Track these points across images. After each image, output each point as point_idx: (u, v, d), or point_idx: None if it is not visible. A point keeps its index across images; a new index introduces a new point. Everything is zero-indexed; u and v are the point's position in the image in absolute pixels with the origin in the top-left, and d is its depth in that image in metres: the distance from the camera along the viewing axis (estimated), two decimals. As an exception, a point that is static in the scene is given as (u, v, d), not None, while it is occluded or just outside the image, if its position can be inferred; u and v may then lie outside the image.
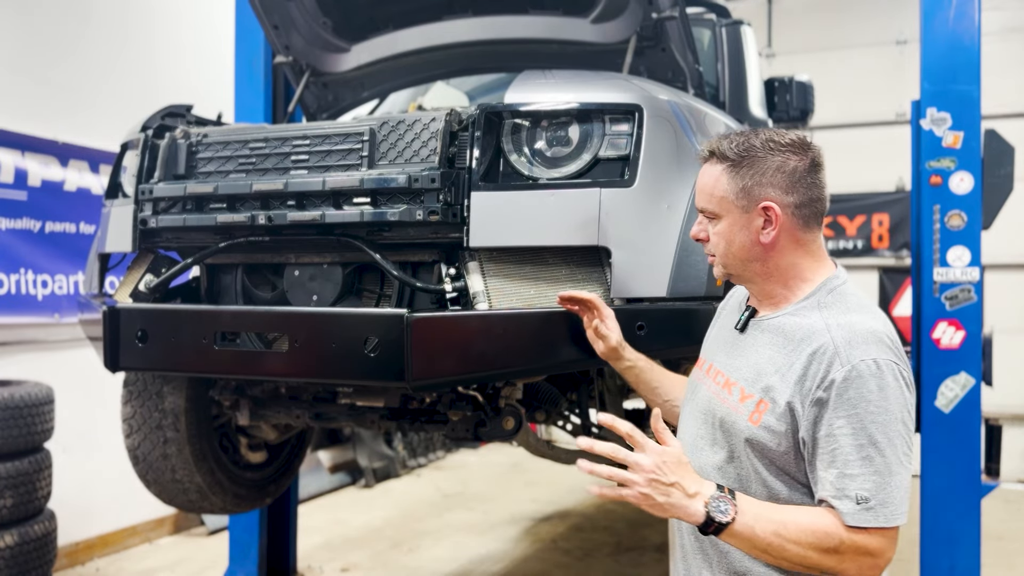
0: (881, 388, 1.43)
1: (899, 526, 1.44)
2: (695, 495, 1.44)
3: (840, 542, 1.42)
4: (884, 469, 1.42)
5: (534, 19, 3.13)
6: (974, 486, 3.49)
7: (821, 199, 1.59)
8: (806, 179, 1.57)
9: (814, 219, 1.59)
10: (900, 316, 7.55)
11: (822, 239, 1.65)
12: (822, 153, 1.60)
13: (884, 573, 1.52)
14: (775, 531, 1.43)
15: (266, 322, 2.40)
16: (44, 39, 4.63)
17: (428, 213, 2.28)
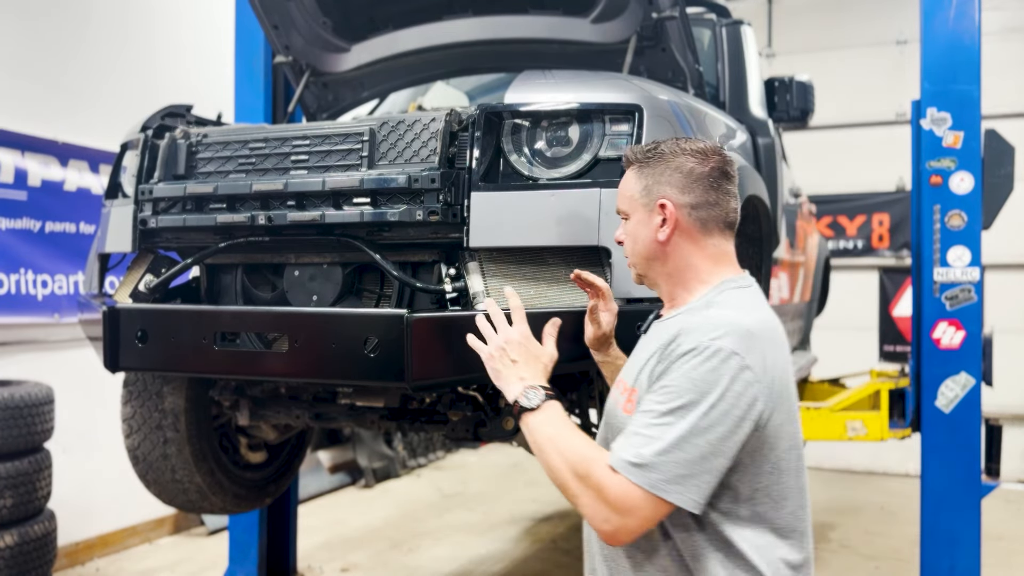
0: (712, 370, 1.45)
1: (658, 503, 1.42)
2: (522, 379, 1.68)
3: (589, 473, 1.46)
4: (672, 440, 1.42)
5: (534, 19, 3.13)
6: (974, 486, 3.49)
7: (720, 205, 1.63)
8: (704, 182, 1.62)
9: (714, 223, 1.64)
10: (900, 316, 7.55)
11: (729, 248, 1.68)
12: (732, 165, 1.66)
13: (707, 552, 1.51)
14: (551, 436, 1.55)
15: (266, 322, 2.40)
16: (44, 39, 4.64)
17: (428, 213, 2.28)
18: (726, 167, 1.65)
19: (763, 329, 1.54)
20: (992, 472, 3.90)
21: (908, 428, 4.07)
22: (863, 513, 6.09)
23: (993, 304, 5.27)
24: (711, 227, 1.63)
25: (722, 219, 1.64)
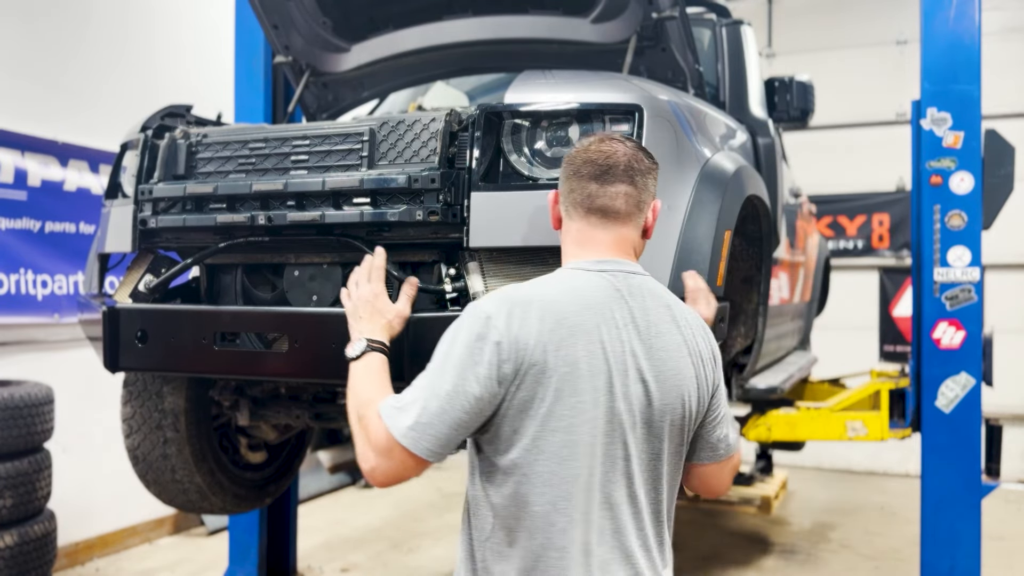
0: (458, 326, 1.56)
1: (404, 448, 1.51)
2: (360, 333, 1.86)
3: (365, 414, 1.59)
4: (416, 389, 1.55)
5: (534, 19, 3.13)
6: (974, 486, 3.49)
7: (576, 191, 1.70)
8: (566, 171, 1.73)
9: (573, 209, 1.71)
10: (900, 316, 7.55)
11: (595, 233, 1.70)
12: (602, 154, 1.69)
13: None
14: (355, 383, 1.71)
15: (266, 322, 2.40)
16: (44, 39, 4.63)
17: (428, 213, 2.28)
18: (588, 155, 1.70)
19: (535, 297, 1.55)
20: (992, 472, 3.89)
21: (908, 428, 4.07)
22: (863, 513, 6.09)
23: (993, 304, 5.27)
24: (571, 212, 1.72)
25: (580, 204, 1.69)
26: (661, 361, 1.58)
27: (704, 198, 2.39)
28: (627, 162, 1.68)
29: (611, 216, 1.68)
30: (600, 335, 1.54)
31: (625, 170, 1.68)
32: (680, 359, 1.61)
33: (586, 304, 1.56)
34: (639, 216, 1.73)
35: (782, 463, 7.01)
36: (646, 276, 1.69)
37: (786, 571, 4.76)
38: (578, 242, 1.71)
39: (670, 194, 2.33)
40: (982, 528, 3.50)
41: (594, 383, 1.51)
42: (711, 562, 4.88)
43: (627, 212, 1.69)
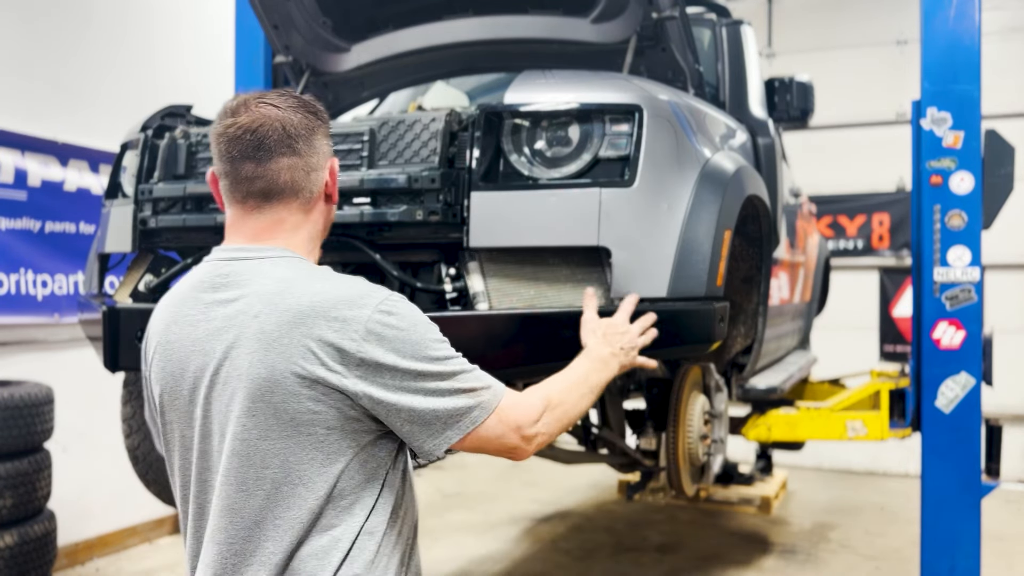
0: None
1: None
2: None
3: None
4: None
5: (534, 19, 3.13)
6: (974, 486, 3.48)
7: (231, 175, 1.47)
8: (218, 149, 1.49)
9: (230, 193, 1.49)
10: (900, 316, 7.55)
11: (243, 221, 1.50)
12: (243, 125, 1.44)
13: None
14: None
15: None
16: (44, 39, 4.63)
17: (428, 213, 2.28)
18: (236, 131, 1.45)
19: (167, 297, 1.52)
20: (992, 472, 3.89)
21: (908, 428, 4.07)
22: (863, 513, 6.09)
23: (993, 304, 5.27)
24: (229, 197, 1.50)
25: (238, 188, 1.48)
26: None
27: (704, 198, 2.39)
28: (282, 128, 1.45)
29: (274, 198, 1.47)
30: (194, 332, 1.44)
31: (282, 139, 1.45)
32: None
33: (182, 299, 1.48)
34: (311, 185, 1.50)
35: (782, 463, 7.01)
36: (265, 258, 1.46)
37: (786, 571, 4.76)
38: (227, 229, 1.52)
39: (670, 194, 2.33)
40: (982, 528, 3.50)
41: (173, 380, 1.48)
42: (711, 562, 4.88)
43: (295, 186, 1.48)
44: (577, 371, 1.73)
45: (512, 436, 1.48)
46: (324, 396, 1.36)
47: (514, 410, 1.48)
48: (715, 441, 3.10)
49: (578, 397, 1.65)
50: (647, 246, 2.25)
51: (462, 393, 1.43)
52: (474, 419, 1.44)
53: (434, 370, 1.40)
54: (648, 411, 3.05)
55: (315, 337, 1.35)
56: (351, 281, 1.44)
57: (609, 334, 1.96)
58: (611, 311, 2.16)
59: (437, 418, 1.42)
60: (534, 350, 2.23)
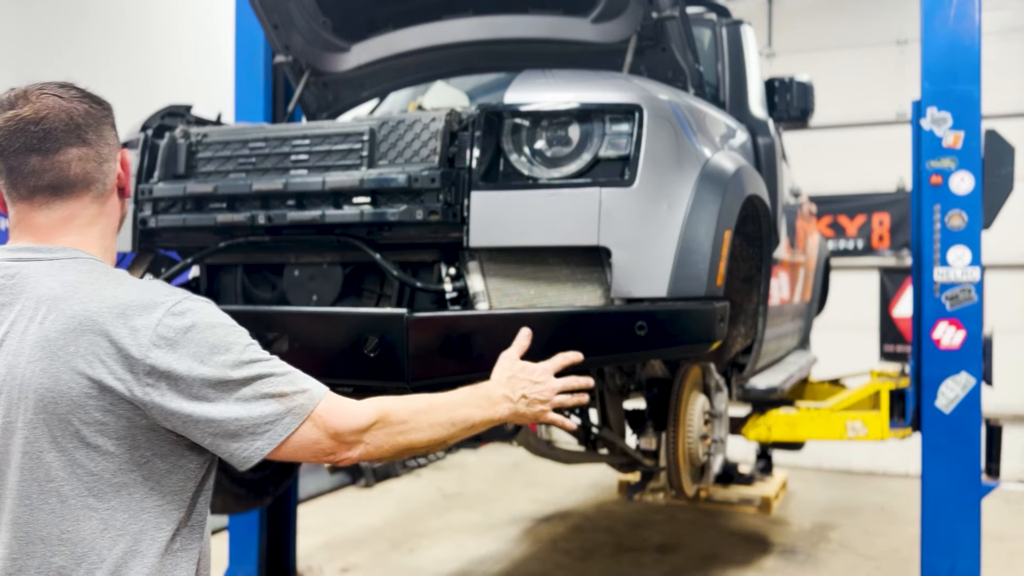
0: None
1: None
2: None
3: None
4: None
5: (534, 19, 3.13)
6: (974, 486, 3.48)
7: (15, 171, 1.36)
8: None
9: (13, 190, 1.39)
10: (900, 316, 7.55)
11: (31, 217, 1.39)
12: (25, 116, 1.35)
13: None
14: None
15: (266, 322, 2.40)
16: (42, 39, 4.64)
17: (428, 213, 2.28)
18: (17, 123, 1.35)
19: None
20: (992, 472, 3.89)
21: (908, 428, 4.06)
22: (863, 513, 6.09)
23: (993, 304, 5.27)
24: (11, 195, 1.39)
25: (22, 184, 1.37)
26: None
27: (704, 198, 2.39)
28: (69, 118, 1.37)
29: (64, 192, 1.38)
30: None
31: (69, 128, 1.37)
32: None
33: None
34: (104, 177, 1.43)
35: (782, 463, 7.01)
36: (52, 260, 1.36)
37: (786, 571, 4.76)
38: (12, 228, 1.41)
39: (670, 194, 2.33)
40: (982, 528, 3.49)
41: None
42: (711, 562, 4.88)
43: (87, 178, 1.40)
44: (446, 399, 1.59)
45: (327, 442, 1.38)
46: (112, 407, 1.27)
47: (333, 415, 1.39)
48: (715, 441, 3.10)
49: (431, 424, 1.51)
50: (647, 246, 2.25)
51: (271, 399, 1.33)
52: (287, 426, 1.34)
53: (236, 376, 1.31)
54: (648, 411, 3.04)
55: (102, 345, 1.26)
56: (144, 285, 1.36)
57: (519, 378, 1.76)
58: (611, 311, 2.16)
59: (243, 428, 1.31)
60: (534, 350, 2.23)
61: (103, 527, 1.29)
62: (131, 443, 1.30)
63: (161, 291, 1.34)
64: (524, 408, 1.74)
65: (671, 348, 2.34)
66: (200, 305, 1.35)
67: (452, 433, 1.56)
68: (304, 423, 1.35)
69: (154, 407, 1.28)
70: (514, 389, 1.73)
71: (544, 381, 1.79)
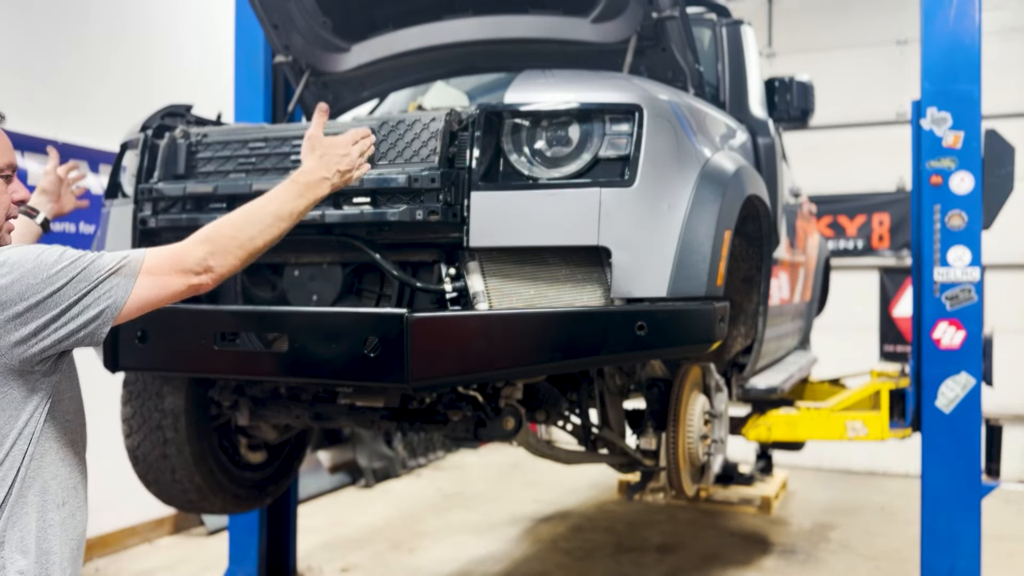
0: None
1: None
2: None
3: None
4: None
5: (534, 19, 3.13)
6: (974, 486, 3.48)
7: None
8: None
9: None
10: (900, 316, 7.55)
11: None
12: None
13: None
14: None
15: (266, 322, 2.40)
16: (43, 38, 4.63)
17: (428, 213, 2.28)
18: None
19: None
20: (992, 472, 3.89)
21: (908, 428, 4.06)
22: (863, 513, 6.09)
23: (993, 304, 5.27)
24: None
25: None
26: None
27: (704, 198, 2.39)
28: None
29: None
30: None
31: None
32: None
33: None
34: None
35: (782, 463, 7.01)
36: None
37: (786, 571, 4.76)
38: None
39: (670, 194, 2.33)
40: (982, 528, 3.50)
41: None
42: (711, 562, 4.88)
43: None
44: (264, 201, 1.76)
45: (176, 281, 1.61)
46: None
47: (166, 261, 1.61)
48: (715, 441, 3.10)
49: (261, 228, 1.71)
50: (647, 246, 2.25)
51: (99, 284, 1.55)
52: (126, 289, 1.57)
53: (57, 287, 1.52)
54: (648, 411, 3.04)
55: None
56: None
57: (328, 155, 1.89)
58: (611, 311, 2.16)
59: (86, 315, 1.55)
60: (534, 350, 2.23)
61: None
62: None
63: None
64: (338, 179, 1.90)
65: (671, 348, 2.34)
66: (11, 250, 1.56)
67: (286, 226, 1.76)
68: (138, 280, 1.59)
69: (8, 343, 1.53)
70: (329, 167, 1.87)
71: (349, 152, 1.93)
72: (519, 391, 2.81)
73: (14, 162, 1.72)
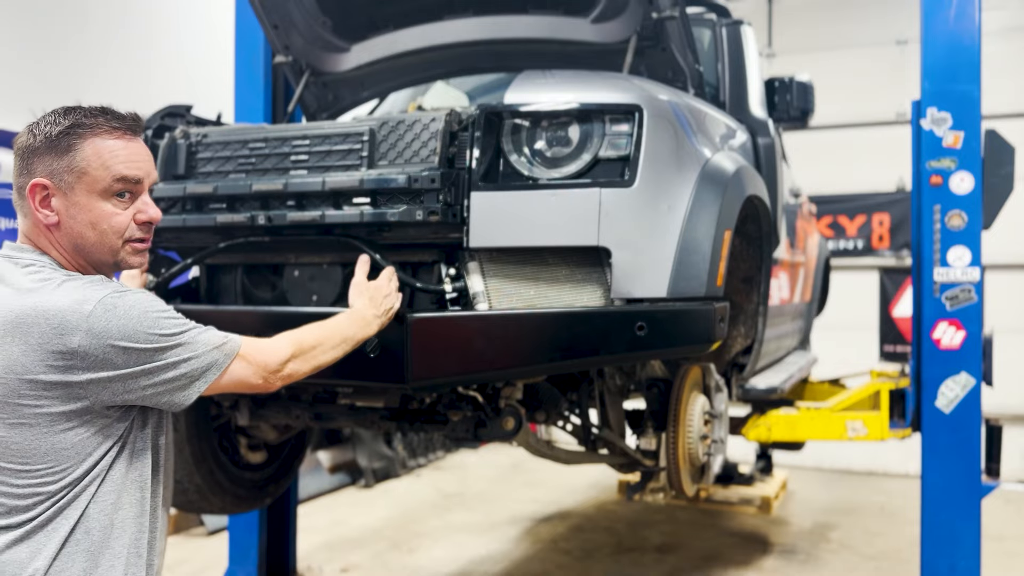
0: None
1: None
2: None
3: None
4: None
5: (534, 19, 3.13)
6: (974, 486, 3.48)
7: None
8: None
9: None
10: (900, 316, 7.55)
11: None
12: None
13: None
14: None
15: (266, 322, 2.40)
16: (43, 38, 4.63)
17: (428, 213, 2.28)
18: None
19: None
20: (992, 472, 3.89)
21: (908, 428, 4.06)
22: (863, 513, 6.09)
23: (993, 304, 5.27)
24: None
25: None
26: None
27: (704, 198, 2.39)
28: (19, 143, 1.64)
29: (18, 205, 1.63)
30: None
31: (17, 152, 1.65)
32: None
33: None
34: (23, 202, 1.61)
35: (782, 463, 7.01)
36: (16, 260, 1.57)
37: (786, 571, 4.76)
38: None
39: (670, 194, 2.33)
40: (982, 528, 3.50)
41: None
42: (711, 562, 4.88)
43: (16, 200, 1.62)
44: (337, 324, 1.92)
45: (256, 377, 1.68)
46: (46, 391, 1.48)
47: (259, 355, 1.68)
48: (715, 441, 3.09)
49: (332, 346, 1.86)
50: (647, 246, 2.25)
51: (202, 355, 1.59)
52: (221, 367, 1.61)
53: (164, 344, 1.53)
54: (648, 411, 3.04)
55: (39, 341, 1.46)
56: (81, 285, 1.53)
57: (376, 297, 2.10)
58: (611, 311, 2.16)
59: (181, 376, 1.56)
60: (534, 350, 2.23)
61: None
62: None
63: (93, 290, 1.55)
64: (384, 319, 2.09)
65: (671, 348, 2.34)
66: (129, 295, 1.56)
67: (346, 351, 1.91)
68: (232, 363, 1.64)
69: (91, 383, 1.52)
70: (378, 308, 2.08)
71: (390, 292, 2.14)
72: (519, 391, 2.81)
73: (141, 176, 1.61)
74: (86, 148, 1.57)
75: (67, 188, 1.56)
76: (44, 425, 1.49)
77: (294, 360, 1.74)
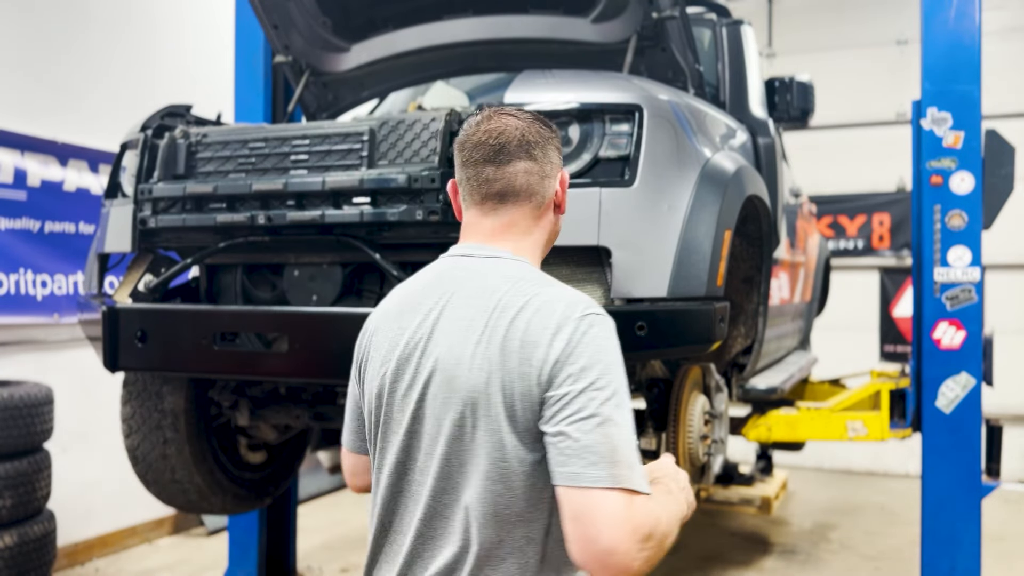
0: None
1: None
2: None
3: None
4: None
5: (534, 19, 3.13)
6: (975, 486, 3.48)
7: (473, 179, 1.55)
8: (461, 156, 1.58)
9: (470, 196, 1.57)
10: (900, 316, 7.55)
11: (478, 221, 1.56)
12: (483, 132, 1.54)
13: None
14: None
15: (266, 322, 2.40)
16: (44, 38, 4.63)
17: (428, 213, 2.28)
18: (478, 137, 1.55)
19: (394, 297, 1.60)
20: (992, 472, 3.89)
21: (908, 428, 4.06)
22: (863, 513, 6.09)
23: (993, 304, 5.27)
24: (468, 200, 1.58)
25: (477, 191, 1.55)
26: (446, 347, 1.42)
27: (704, 198, 2.39)
28: (520, 136, 1.53)
29: (510, 198, 1.54)
30: (401, 322, 1.50)
31: (520, 145, 1.53)
32: (468, 345, 1.40)
33: (406, 293, 1.56)
34: (544, 190, 1.56)
35: (782, 463, 7.01)
36: (497, 258, 1.51)
37: (786, 571, 4.76)
38: (463, 231, 1.59)
39: (670, 194, 2.33)
40: (982, 528, 3.49)
41: (381, 370, 1.51)
42: (711, 562, 4.88)
43: (528, 189, 1.54)
44: (680, 506, 1.48)
45: (627, 540, 1.25)
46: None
47: (642, 509, 1.28)
48: (715, 441, 3.09)
49: (673, 535, 1.40)
50: (647, 246, 2.25)
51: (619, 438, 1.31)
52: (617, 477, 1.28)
53: (614, 389, 1.36)
54: (648, 411, 3.04)
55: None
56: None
57: (679, 481, 1.59)
58: (611, 311, 2.15)
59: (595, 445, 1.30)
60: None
61: None
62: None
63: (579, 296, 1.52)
64: (688, 512, 1.57)
65: (671, 348, 2.33)
66: (606, 320, 1.52)
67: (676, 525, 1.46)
68: (615, 492, 1.27)
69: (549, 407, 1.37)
70: (689, 495, 1.58)
71: (684, 483, 1.63)
72: (519, 391, 2.80)
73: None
74: None
75: None
76: None
77: (649, 542, 1.29)
